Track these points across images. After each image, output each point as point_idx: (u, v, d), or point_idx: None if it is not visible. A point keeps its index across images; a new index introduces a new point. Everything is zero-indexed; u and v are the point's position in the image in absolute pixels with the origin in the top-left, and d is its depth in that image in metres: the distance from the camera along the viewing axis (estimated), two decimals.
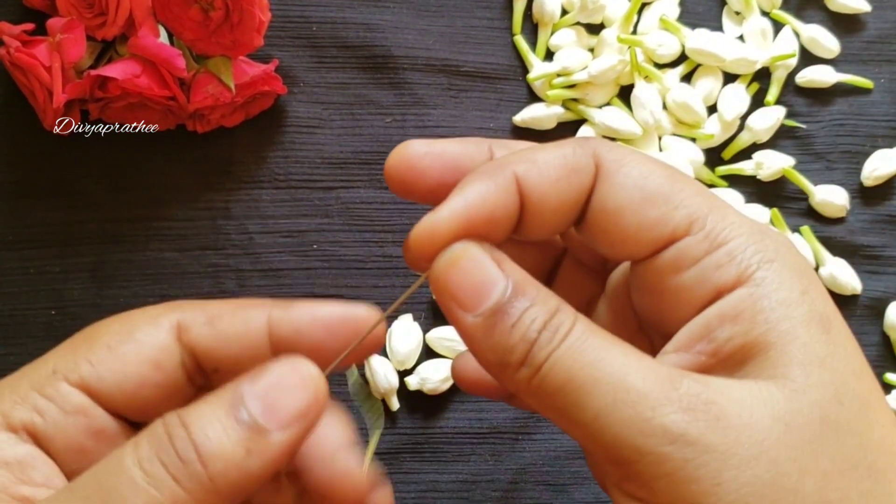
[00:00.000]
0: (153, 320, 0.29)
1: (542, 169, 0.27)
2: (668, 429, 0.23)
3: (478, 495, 0.44)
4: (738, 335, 0.25)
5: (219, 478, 0.24)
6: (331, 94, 0.47)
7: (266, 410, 0.25)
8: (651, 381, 0.24)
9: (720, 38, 0.48)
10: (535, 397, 0.25)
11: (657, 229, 0.27)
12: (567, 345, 0.24)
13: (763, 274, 0.26)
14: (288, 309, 0.29)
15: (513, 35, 0.49)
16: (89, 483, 0.24)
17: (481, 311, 0.25)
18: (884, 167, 0.48)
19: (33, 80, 0.42)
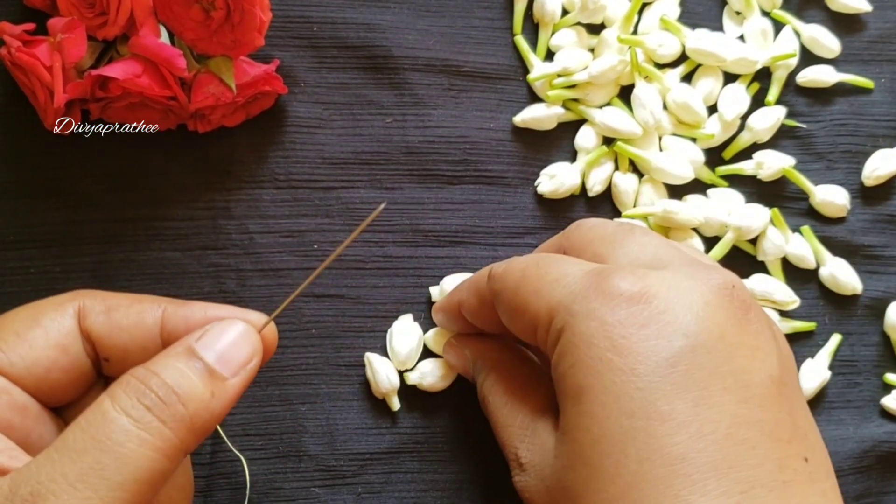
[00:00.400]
0: (58, 307, 0.32)
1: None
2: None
3: (478, 495, 0.44)
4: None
5: (195, 417, 0.28)
6: (331, 94, 0.47)
7: (220, 360, 0.29)
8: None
9: (721, 38, 0.48)
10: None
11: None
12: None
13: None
14: (182, 307, 0.33)
15: (513, 35, 0.49)
16: (79, 438, 0.26)
17: None
18: (884, 167, 0.48)
19: (34, 80, 0.42)
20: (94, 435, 0.26)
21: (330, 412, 0.44)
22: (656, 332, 0.29)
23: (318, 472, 0.43)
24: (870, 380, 0.47)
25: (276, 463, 0.43)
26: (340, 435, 0.44)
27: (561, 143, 0.48)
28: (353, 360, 0.45)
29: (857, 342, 0.47)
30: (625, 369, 0.29)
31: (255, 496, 0.43)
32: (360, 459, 0.43)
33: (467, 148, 0.47)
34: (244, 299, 0.45)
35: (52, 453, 0.26)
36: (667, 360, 0.29)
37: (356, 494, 0.43)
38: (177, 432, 0.28)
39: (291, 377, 0.44)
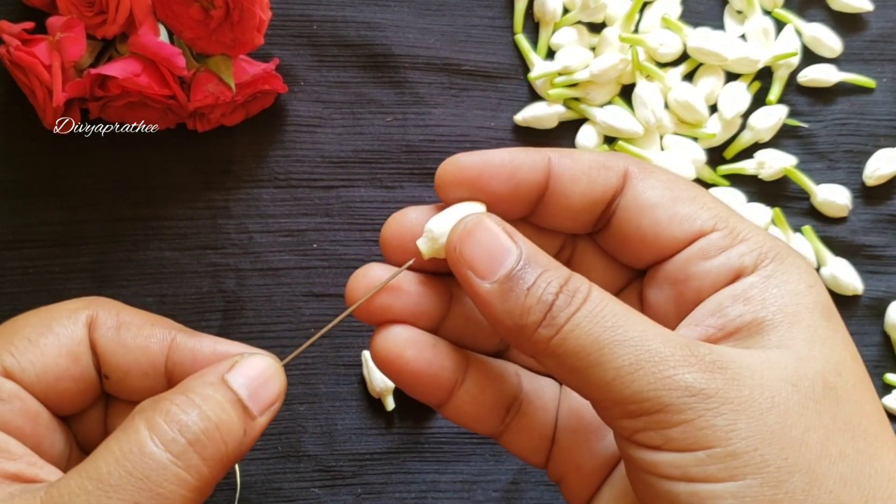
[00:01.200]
0: (71, 314, 0.31)
1: (575, 158, 0.30)
2: (690, 384, 0.25)
3: (478, 495, 0.44)
4: (748, 313, 0.28)
5: (231, 455, 0.27)
6: (331, 93, 0.47)
7: (252, 397, 0.28)
8: (671, 345, 0.26)
9: (722, 37, 0.48)
10: (552, 357, 0.27)
11: (687, 223, 0.29)
12: (588, 308, 0.26)
13: (775, 266, 0.28)
14: (191, 338, 0.32)
15: (514, 34, 0.49)
16: (115, 472, 0.26)
17: (497, 277, 0.27)
18: (886, 167, 0.47)
19: (33, 79, 0.42)
20: (131, 471, 0.26)
21: (329, 412, 0.44)
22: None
23: (317, 472, 0.43)
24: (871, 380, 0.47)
25: (276, 463, 0.43)
26: (340, 435, 0.44)
27: (562, 142, 0.48)
28: (352, 359, 0.45)
29: (858, 342, 0.46)
30: None
31: (254, 496, 0.43)
32: (360, 460, 0.43)
33: (468, 147, 0.47)
34: (243, 299, 0.45)
35: (85, 483, 0.26)
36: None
37: (356, 495, 0.43)
38: (213, 471, 0.27)
39: (290, 377, 0.44)
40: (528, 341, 0.27)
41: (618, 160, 0.30)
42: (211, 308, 0.45)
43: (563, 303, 0.26)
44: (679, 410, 0.25)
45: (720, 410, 0.25)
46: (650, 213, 0.30)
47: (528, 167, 0.30)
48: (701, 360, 0.26)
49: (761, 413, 0.25)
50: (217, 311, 0.45)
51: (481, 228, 0.28)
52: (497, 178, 0.30)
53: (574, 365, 0.26)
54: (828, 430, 0.25)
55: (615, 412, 0.26)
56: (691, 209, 0.29)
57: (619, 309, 0.27)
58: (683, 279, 0.29)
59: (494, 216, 0.29)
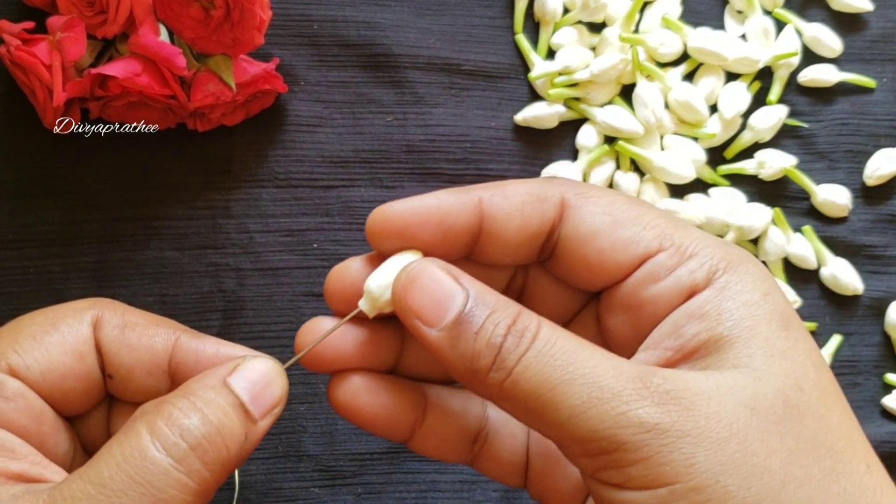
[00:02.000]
0: (77, 313, 0.31)
1: (507, 195, 0.30)
2: (644, 420, 0.25)
3: (478, 496, 0.44)
4: (704, 330, 0.27)
5: (233, 459, 0.27)
6: (331, 93, 0.47)
7: (254, 401, 0.28)
8: (623, 379, 0.25)
9: (722, 37, 0.48)
10: (507, 400, 0.26)
11: (630, 248, 0.29)
12: (537, 347, 0.26)
13: (728, 278, 0.28)
14: (195, 339, 0.31)
15: (514, 34, 0.49)
16: (116, 477, 0.26)
17: (444, 324, 0.27)
18: (886, 167, 0.47)
19: (33, 79, 0.42)
20: (133, 476, 0.25)
21: (329, 412, 0.44)
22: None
23: (317, 472, 0.43)
24: (870, 380, 0.47)
25: (276, 463, 0.43)
26: (340, 435, 0.44)
27: (562, 141, 0.48)
28: None
29: (858, 342, 0.47)
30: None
31: (254, 496, 0.43)
32: (360, 459, 0.43)
33: (468, 147, 0.47)
34: (243, 298, 0.45)
35: (87, 487, 0.26)
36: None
37: (356, 495, 0.43)
38: (215, 475, 0.27)
39: (290, 376, 0.44)
40: (482, 385, 0.27)
41: (553, 189, 0.30)
42: (211, 308, 0.45)
43: (512, 344, 0.26)
44: (635, 448, 0.24)
45: (677, 445, 0.24)
46: (592, 242, 0.29)
47: (457, 212, 0.29)
48: (654, 392, 0.25)
49: (720, 443, 0.24)
50: (217, 310, 0.45)
51: (424, 275, 0.28)
52: (426, 225, 0.29)
53: (528, 406, 0.26)
54: (791, 453, 0.25)
55: (575, 451, 0.26)
56: (633, 231, 0.29)
57: (569, 344, 0.26)
58: (637, 304, 0.29)
59: (437, 260, 0.28)
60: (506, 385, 0.26)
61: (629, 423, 0.25)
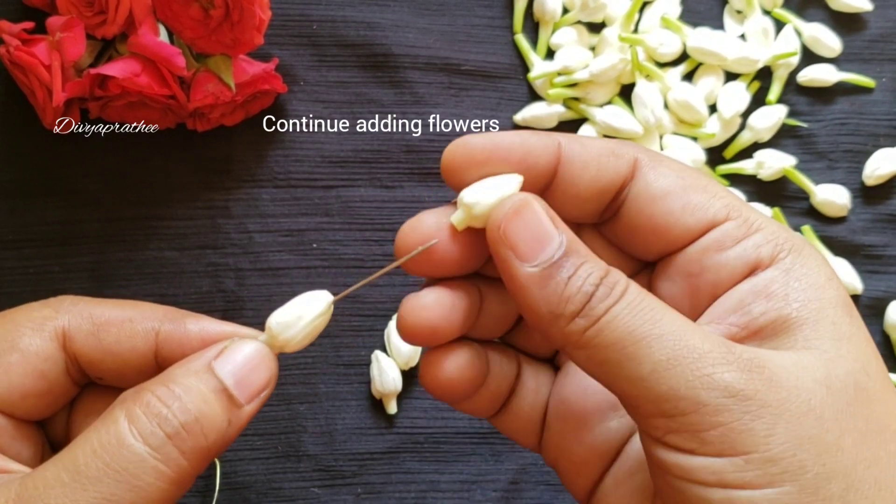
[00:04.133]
0: (38, 326, 0.30)
1: (585, 145, 0.29)
2: (729, 384, 0.24)
3: (478, 496, 0.44)
4: (772, 310, 0.27)
5: (213, 447, 0.27)
6: (331, 93, 0.47)
7: (238, 385, 0.28)
8: (710, 342, 0.25)
9: (721, 37, 0.48)
10: (585, 349, 0.26)
11: (700, 212, 0.28)
12: (627, 301, 0.26)
13: (793, 259, 0.28)
14: (178, 325, 0.30)
15: (514, 34, 0.49)
16: (92, 463, 0.25)
17: (538, 261, 0.26)
18: (885, 166, 0.47)
19: (33, 79, 0.42)
20: (109, 463, 0.25)
21: (329, 412, 0.44)
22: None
23: (317, 472, 0.43)
24: None
25: (276, 463, 0.43)
26: (340, 435, 0.44)
27: None
28: (353, 359, 0.45)
29: None
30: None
31: (254, 496, 0.43)
32: (360, 459, 0.43)
33: None
34: (243, 298, 0.45)
35: (61, 474, 0.25)
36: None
37: (356, 495, 0.43)
38: (193, 463, 0.26)
39: (290, 377, 0.44)
40: (561, 331, 0.26)
41: (627, 148, 0.29)
42: (211, 308, 0.45)
43: (603, 294, 0.26)
44: (716, 412, 0.24)
45: (759, 413, 0.24)
46: (661, 203, 0.29)
47: (539, 151, 0.29)
48: (739, 358, 0.25)
49: (799, 417, 0.24)
50: (217, 310, 0.44)
51: (528, 210, 0.27)
52: (507, 161, 0.28)
53: (608, 358, 0.25)
54: (861, 434, 0.25)
55: (647, 410, 0.25)
56: (703, 198, 0.29)
57: (657, 304, 0.26)
58: (698, 272, 0.29)
59: (540, 199, 0.28)
60: (589, 333, 0.26)
61: (714, 385, 0.24)
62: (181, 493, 0.27)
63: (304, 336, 0.29)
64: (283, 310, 0.29)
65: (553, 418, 0.32)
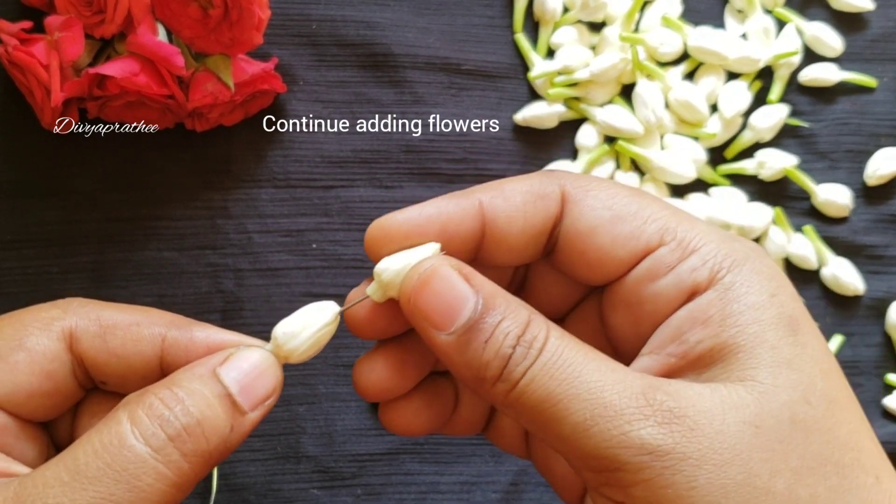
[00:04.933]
0: (45, 326, 0.30)
1: (507, 195, 0.29)
2: (646, 441, 0.24)
3: (478, 497, 0.43)
4: (708, 338, 0.26)
5: (214, 451, 0.27)
6: (331, 93, 0.47)
7: (243, 392, 0.28)
8: (627, 395, 0.25)
9: (723, 36, 0.48)
10: (512, 410, 0.26)
11: (630, 244, 0.28)
12: (542, 361, 0.25)
13: (732, 278, 0.27)
14: (184, 332, 0.30)
15: (514, 33, 0.48)
16: (93, 464, 0.25)
17: (454, 329, 0.26)
18: (887, 166, 0.47)
19: (31, 79, 0.42)
20: (110, 463, 0.25)
21: (329, 413, 0.44)
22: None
23: (316, 473, 0.43)
24: (871, 380, 0.46)
25: (275, 464, 0.43)
26: (339, 436, 0.43)
27: (562, 141, 0.48)
28: (353, 360, 0.44)
29: (859, 343, 0.47)
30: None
31: (254, 497, 0.43)
32: (360, 461, 0.43)
33: (468, 146, 0.47)
34: (242, 299, 0.44)
35: (61, 473, 0.25)
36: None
37: (355, 496, 0.43)
38: (194, 467, 0.26)
39: (289, 378, 0.44)
40: (488, 393, 0.26)
41: (552, 184, 0.29)
42: (210, 308, 0.44)
43: (520, 355, 0.26)
44: (636, 469, 0.24)
45: (679, 468, 0.24)
46: (591, 238, 0.28)
47: (459, 219, 0.29)
48: (657, 410, 0.25)
49: (722, 465, 0.24)
50: (216, 311, 0.44)
51: (437, 277, 0.27)
52: (426, 236, 0.29)
53: (532, 418, 0.26)
54: (795, 473, 0.24)
55: (578, 465, 0.26)
56: (634, 226, 0.28)
57: (576, 356, 0.26)
58: (637, 302, 0.28)
59: (451, 259, 0.28)
60: (511, 396, 0.26)
61: (631, 443, 0.24)
62: (181, 496, 0.26)
63: (308, 346, 0.29)
64: (289, 319, 0.29)
65: (533, 436, 0.32)
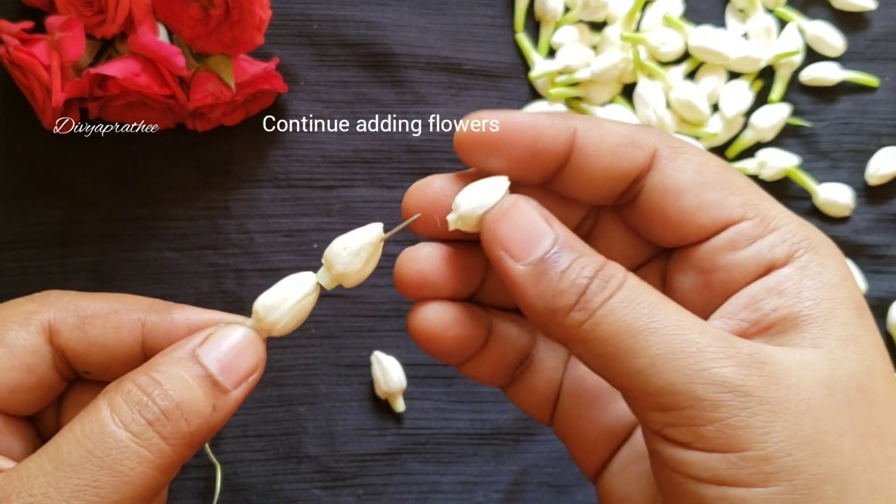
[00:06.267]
0: (24, 320, 0.30)
1: (602, 132, 0.29)
2: (727, 379, 0.24)
3: (480, 496, 0.43)
4: (783, 307, 0.27)
5: (196, 432, 0.27)
6: (331, 93, 0.47)
7: (224, 371, 0.28)
8: (709, 336, 0.25)
9: (724, 36, 0.48)
10: (583, 343, 0.26)
11: (714, 211, 0.28)
12: (623, 294, 0.25)
13: (809, 257, 0.27)
14: (164, 316, 0.31)
15: (515, 33, 0.48)
16: (75, 451, 0.25)
17: (531, 259, 0.26)
18: (888, 166, 0.47)
19: (32, 79, 0.42)
20: (92, 450, 0.25)
21: (330, 413, 0.44)
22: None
23: (318, 473, 0.43)
24: None
25: (276, 464, 0.43)
26: (340, 436, 0.43)
27: None
28: (353, 359, 0.45)
29: None
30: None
31: (255, 497, 0.43)
32: (361, 461, 0.43)
33: None
34: (243, 299, 0.44)
35: (45, 463, 0.25)
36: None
37: (357, 496, 0.43)
38: (176, 448, 0.26)
39: (291, 377, 0.44)
40: (559, 326, 0.26)
41: (649, 136, 0.29)
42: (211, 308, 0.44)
43: (598, 287, 0.25)
44: (713, 407, 0.24)
45: (756, 410, 0.24)
46: (676, 199, 0.28)
47: (551, 136, 0.28)
48: (739, 353, 0.25)
49: (797, 416, 0.24)
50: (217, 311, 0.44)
51: (517, 210, 0.27)
52: (517, 143, 0.28)
53: (605, 352, 0.25)
54: (860, 437, 0.25)
55: (645, 403, 0.25)
56: (720, 195, 0.28)
57: (655, 297, 0.26)
58: (711, 269, 0.28)
59: (531, 199, 0.28)
60: (585, 327, 0.25)
61: (712, 379, 0.24)
62: (166, 478, 0.27)
63: (290, 318, 0.29)
64: (269, 292, 0.29)
65: (566, 395, 0.32)
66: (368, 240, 0.30)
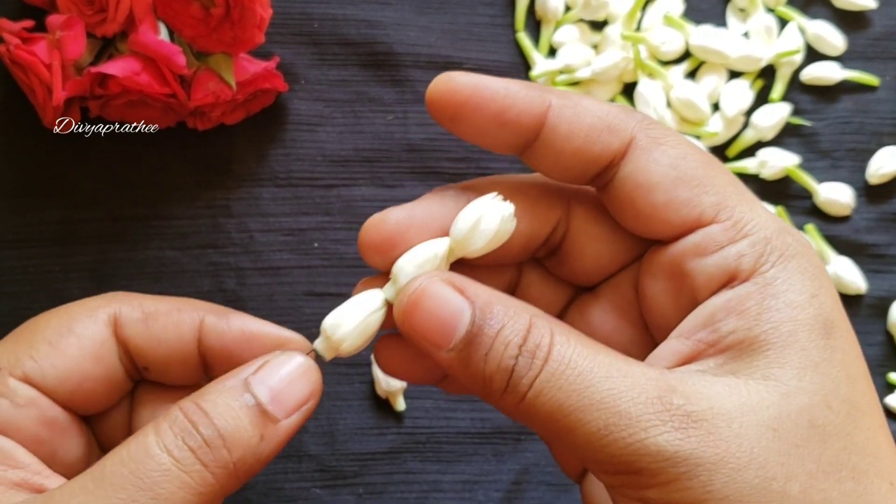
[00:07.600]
0: (91, 313, 0.31)
1: (579, 111, 0.27)
2: (662, 448, 0.24)
3: (480, 496, 0.43)
4: (741, 329, 0.26)
5: (240, 462, 0.27)
6: (332, 92, 0.47)
7: (274, 400, 0.27)
8: (642, 402, 0.24)
9: (724, 35, 0.48)
10: (524, 419, 0.26)
11: (685, 210, 0.27)
12: (549, 371, 0.25)
13: (776, 273, 0.26)
14: (222, 318, 0.31)
15: (515, 32, 0.48)
16: (118, 472, 0.26)
17: (453, 345, 0.26)
18: (889, 165, 0.47)
19: (33, 78, 0.42)
20: (134, 470, 0.25)
21: (330, 412, 0.44)
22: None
23: (318, 472, 0.43)
24: (873, 379, 0.46)
25: (277, 463, 0.43)
26: (341, 435, 0.43)
27: None
28: (354, 359, 0.44)
29: (861, 342, 0.45)
30: None
31: (255, 496, 0.43)
32: (361, 459, 0.43)
33: (469, 145, 0.47)
34: (243, 298, 0.44)
35: (87, 482, 0.26)
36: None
37: (357, 495, 0.43)
38: (218, 477, 0.26)
39: None
40: (499, 405, 0.26)
41: (628, 122, 0.27)
42: None
43: (524, 366, 0.25)
44: (653, 474, 0.24)
45: (695, 472, 0.24)
46: (647, 193, 0.27)
47: (522, 108, 0.27)
48: (675, 415, 0.24)
49: (739, 469, 0.24)
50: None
51: (427, 296, 0.26)
52: (485, 110, 0.27)
53: (545, 428, 0.25)
54: (810, 476, 0.24)
55: (595, 468, 0.25)
56: (693, 193, 0.27)
57: (585, 361, 0.25)
58: (679, 273, 0.28)
59: (443, 272, 0.27)
60: (520, 408, 0.25)
61: (647, 450, 0.24)
62: None
63: (359, 334, 0.28)
64: (335, 311, 0.28)
65: None
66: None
